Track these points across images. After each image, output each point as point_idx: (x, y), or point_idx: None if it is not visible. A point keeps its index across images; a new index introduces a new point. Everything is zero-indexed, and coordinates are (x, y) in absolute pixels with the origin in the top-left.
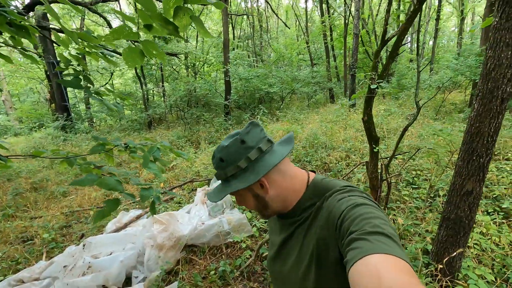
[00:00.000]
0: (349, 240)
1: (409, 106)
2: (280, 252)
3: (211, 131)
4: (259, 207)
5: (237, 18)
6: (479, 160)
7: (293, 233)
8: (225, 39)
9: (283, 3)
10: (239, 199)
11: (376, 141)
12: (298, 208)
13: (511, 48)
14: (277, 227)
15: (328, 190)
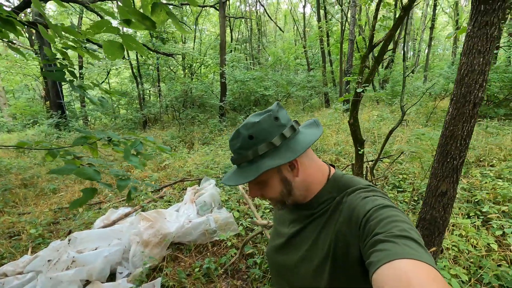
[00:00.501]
0: (374, 241)
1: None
2: (289, 243)
3: (205, 132)
4: (283, 193)
5: (235, 21)
6: (453, 162)
7: (307, 225)
8: (222, 41)
9: (282, 8)
10: (260, 186)
11: (361, 144)
12: (317, 201)
13: (482, 55)
14: (288, 218)
15: (350, 186)
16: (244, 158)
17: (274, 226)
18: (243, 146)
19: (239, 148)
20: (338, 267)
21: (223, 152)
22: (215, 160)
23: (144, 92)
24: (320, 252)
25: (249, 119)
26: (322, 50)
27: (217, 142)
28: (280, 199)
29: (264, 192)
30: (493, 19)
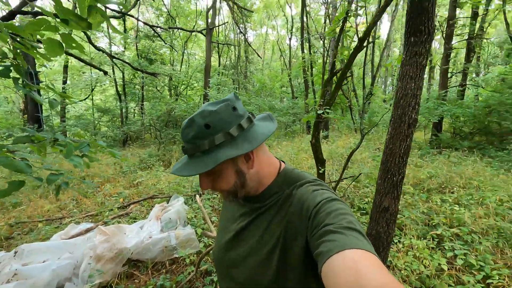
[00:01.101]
0: (324, 231)
1: (376, 141)
2: (238, 237)
3: None
4: (237, 185)
5: (223, 47)
6: (393, 179)
7: (257, 218)
8: (207, 65)
9: (270, 38)
10: (214, 177)
11: (322, 163)
12: (267, 193)
13: (414, 81)
14: (237, 212)
15: (299, 180)
16: (198, 148)
17: (222, 223)
18: (198, 136)
19: (193, 137)
20: (286, 259)
21: None
22: (188, 179)
23: (127, 111)
24: (269, 243)
25: (205, 107)
26: (305, 79)
27: None
28: (233, 191)
29: (217, 184)
30: (421, 49)
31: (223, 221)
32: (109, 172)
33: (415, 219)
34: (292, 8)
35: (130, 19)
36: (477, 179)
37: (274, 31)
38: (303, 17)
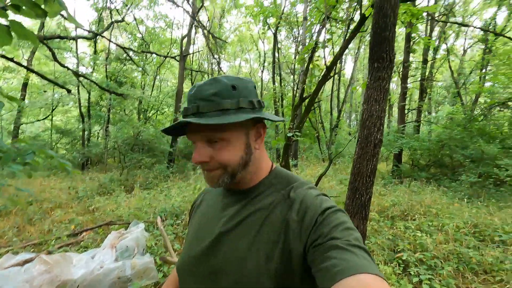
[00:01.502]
0: (331, 246)
1: (343, 171)
2: (223, 240)
3: (149, 177)
4: (241, 161)
5: (197, 75)
6: (361, 199)
7: (247, 218)
8: (179, 90)
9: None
10: (221, 146)
11: None
12: (258, 188)
13: (378, 103)
14: (218, 213)
15: (293, 181)
16: (217, 106)
17: (193, 230)
18: (221, 94)
19: (214, 94)
20: (286, 263)
21: (164, 197)
22: (152, 205)
23: (90, 133)
24: (266, 246)
25: (225, 75)
26: (275, 110)
27: (159, 187)
28: (232, 169)
29: (220, 154)
30: (384, 74)
31: (194, 228)
32: (62, 197)
33: (381, 245)
34: (264, 44)
35: (102, 41)
36: (435, 207)
37: (247, 64)
38: (275, 52)
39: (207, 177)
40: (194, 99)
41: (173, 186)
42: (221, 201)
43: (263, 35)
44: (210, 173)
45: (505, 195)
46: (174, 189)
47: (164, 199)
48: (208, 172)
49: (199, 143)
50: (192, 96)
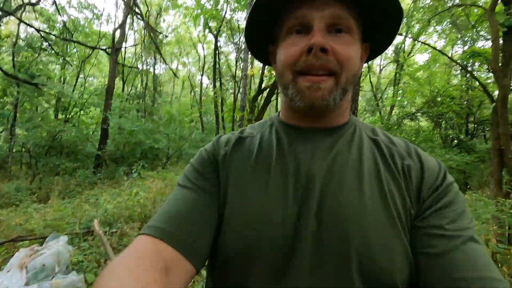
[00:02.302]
0: (466, 239)
1: None
2: (333, 190)
3: (70, 184)
4: (355, 71)
5: (129, 73)
6: None
7: (359, 158)
8: (110, 86)
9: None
10: (346, 37)
11: None
12: (348, 127)
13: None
14: (295, 157)
15: (364, 123)
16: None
17: (255, 197)
18: None
19: None
20: (403, 210)
21: (91, 206)
22: (75, 215)
23: None
24: (378, 189)
25: None
26: (216, 114)
27: (84, 195)
28: (349, 76)
29: (344, 47)
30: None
31: (260, 185)
32: None
33: None
34: (204, 48)
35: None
36: None
37: (185, 67)
38: (216, 56)
39: (311, 90)
40: None
41: (102, 193)
42: (292, 143)
43: (203, 38)
44: (320, 84)
45: None
46: (104, 197)
47: (91, 208)
48: (315, 83)
49: (316, 26)
50: None
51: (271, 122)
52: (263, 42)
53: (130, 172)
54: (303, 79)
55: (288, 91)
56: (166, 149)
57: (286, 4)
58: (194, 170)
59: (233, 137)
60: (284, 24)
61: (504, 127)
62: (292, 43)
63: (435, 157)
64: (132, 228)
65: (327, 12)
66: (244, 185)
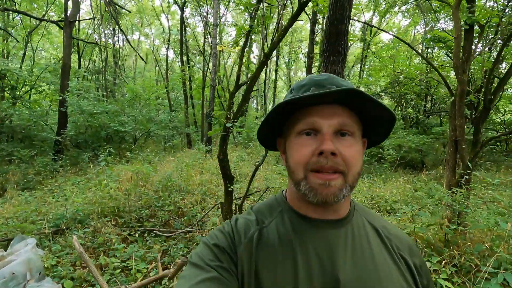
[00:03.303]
0: None
1: (257, 154)
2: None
3: (28, 173)
4: (360, 169)
5: (85, 47)
6: None
7: (354, 248)
8: (65, 64)
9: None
10: (351, 140)
11: (230, 180)
12: (352, 215)
13: None
14: (313, 253)
15: (359, 205)
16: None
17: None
18: None
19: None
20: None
21: (56, 198)
22: (40, 211)
23: None
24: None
25: None
26: (184, 92)
27: (46, 186)
28: (355, 174)
29: (349, 150)
30: (338, 68)
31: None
32: None
33: None
34: (168, 19)
35: None
36: None
37: (148, 39)
38: (182, 30)
39: (323, 187)
40: (328, 84)
41: (66, 182)
42: (310, 239)
43: (167, 9)
44: (331, 181)
45: (386, 171)
46: (68, 187)
47: (57, 202)
48: (326, 181)
49: (325, 131)
50: (324, 81)
51: (279, 209)
52: (271, 134)
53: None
54: (315, 176)
55: (301, 187)
56: (133, 131)
57: (296, 110)
58: (211, 253)
59: (252, 227)
60: (295, 125)
61: (460, 119)
62: (303, 144)
63: (398, 139)
64: (106, 225)
65: (335, 121)
66: (274, 278)
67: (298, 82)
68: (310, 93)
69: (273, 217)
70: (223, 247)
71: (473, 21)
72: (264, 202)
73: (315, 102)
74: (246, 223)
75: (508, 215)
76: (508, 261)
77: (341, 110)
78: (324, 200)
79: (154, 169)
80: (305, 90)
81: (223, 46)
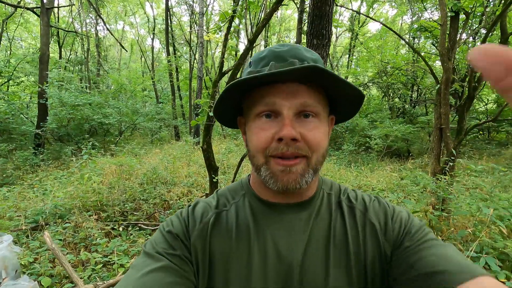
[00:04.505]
0: (424, 241)
1: (241, 145)
2: (305, 267)
3: (7, 168)
4: (325, 152)
5: (66, 36)
6: None
7: (312, 233)
8: (44, 54)
9: (128, 36)
10: (315, 121)
11: (215, 171)
12: (317, 197)
13: None
14: (270, 234)
15: (333, 184)
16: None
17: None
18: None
19: (314, 61)
20: (367, 270)
21: (36, 193)
22: (18, 206)
23: None
24: (355, 265)
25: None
26: (171, 83)
27: (26, 181)
28: (319, 157)
29: (313, 133)
30: (322, 52)
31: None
32: None
33: None
34: (153, 8)
35: None
36: (328, 174)
37: (132, 28)
38: (168, 19)
39: (284, 173)
40: (290, 57)
41: (47, 177)
42: (268, 223)
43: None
44: (292, 167)
45: (373, 160)
46: (50, 181)
47: (37, 197)
48: (287, 167)
49: (285, 114)
50: (285, 53)
51: (242, 192)
52: (231, 112)
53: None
54: (276, 162)
55: (261, 173)
56: (118, 124)
57: (256, 87)
58: (165, 241)
59: (210, 211)
60: (254, 106)
61: (445, 107)
62: (262, 128)
63: (385, 129)
64: (88, 220)
65: (297, 101)
66: (227, 265)
67: (257, 54)
68: (267, 72)
69: (235, 200)
70: (176, 234)
71: (458, 8)
72: (231, 185)
73: (275, 80)
74: (204, 207)
75: (490, 201)
76: (489, 245)
77: (305, 88)
78: (285, 187)
79: (138, 161)
80: (265, 64)
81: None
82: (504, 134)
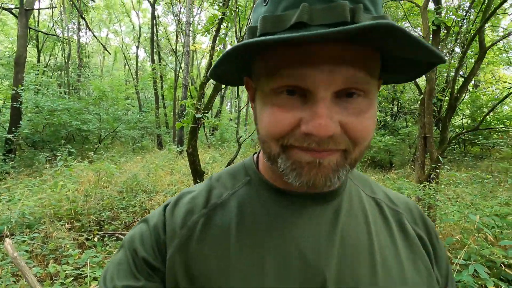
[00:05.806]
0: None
1: (230, 155)
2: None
3: None
4: (369, 139)
5: (46, 41)
6: None
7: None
8: (20, 56)
9: (111, 44)
10: (363, 102)
11: (200, 175)
12: (343, 189)
13: None
14: (292, 231)
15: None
16: None
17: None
18: (377, 4)
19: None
20: None
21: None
22: None
23: None
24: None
25: None
26: (155, 91)
27: None
28: (361, 150)
29: (359, 121)
30: None
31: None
32: None
33: None
34: (139, 17)
35: None
36: None
37: (117, 36)
38: (153, 28)
39: (312, 166)
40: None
41: (17, 185)
42: (286, 218)
43: (138, 5)
44: (323, 159)
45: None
46: (20, 189)
47: (4, 206)
48: (317, 158)
49: (321, 96)
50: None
51: (247, 177)
52: (234, 72)
53: (53, 159)
54: (300, 150)
55: (278, 164)
56: (98, 131)
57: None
58: (127, 269)
59: (197, 208)
60: (272, 76)
61: (429, 117)
62: (281, 107)
63: None
64: (59, 229)
65: (341, 75)
66: (226, 282)
67: None
68: (310, 33)
69: (235, 189)
70: (143, 258)
71: (440, 22)
72: (230, 167)
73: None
74: (190, 203)
75: (475, 208)
76: (477, 253)
77: (353, 53)
78: (312, 184)
79: (118, 169)
80: (290, 6)
81: (196, 46)
82: (479, 148)
